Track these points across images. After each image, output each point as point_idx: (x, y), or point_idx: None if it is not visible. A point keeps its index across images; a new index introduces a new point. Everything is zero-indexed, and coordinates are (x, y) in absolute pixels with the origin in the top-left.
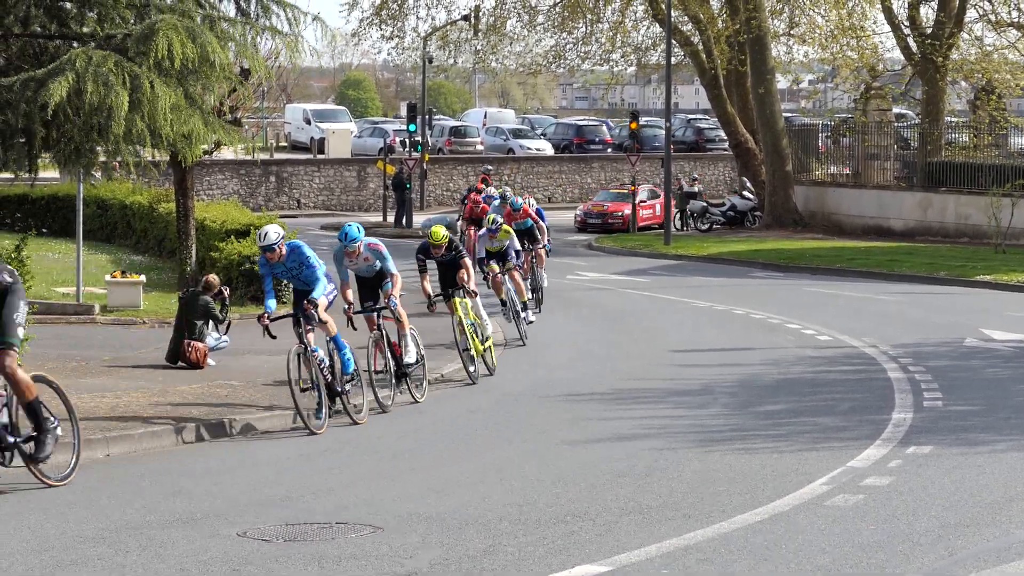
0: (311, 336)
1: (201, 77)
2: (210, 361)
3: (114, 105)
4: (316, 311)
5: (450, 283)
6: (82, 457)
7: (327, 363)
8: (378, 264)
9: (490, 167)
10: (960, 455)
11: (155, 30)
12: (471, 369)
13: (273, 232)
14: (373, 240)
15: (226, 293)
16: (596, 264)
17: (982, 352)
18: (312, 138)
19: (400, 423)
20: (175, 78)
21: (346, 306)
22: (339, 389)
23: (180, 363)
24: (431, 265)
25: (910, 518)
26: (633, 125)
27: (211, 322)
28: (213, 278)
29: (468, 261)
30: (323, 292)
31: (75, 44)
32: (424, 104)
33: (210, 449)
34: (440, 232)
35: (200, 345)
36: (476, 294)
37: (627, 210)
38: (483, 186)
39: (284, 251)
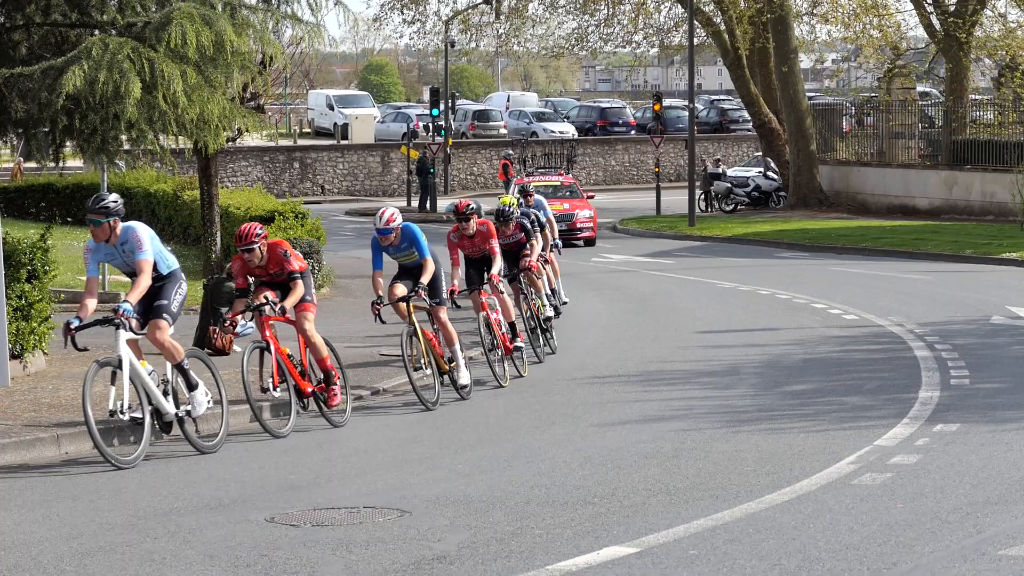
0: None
1: (219, 64)
2: (236, 347)
3: (125, 92)
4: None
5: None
6: (110, 443)
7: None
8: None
9: (511, 152)
10: (988, 433)
11: (170, 18)
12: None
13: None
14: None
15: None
16: (620, 246)
17: (1009, 329)
18: (335, 124)
19: (424, 409)
20: (194, 65)
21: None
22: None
23: (206, 350)
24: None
25: (938, 496)
26: (656, 107)
27: None
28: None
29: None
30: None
31: (96, 33)
32: (447, 88)
33: (237, 435)
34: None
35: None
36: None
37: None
38: (503, 176)
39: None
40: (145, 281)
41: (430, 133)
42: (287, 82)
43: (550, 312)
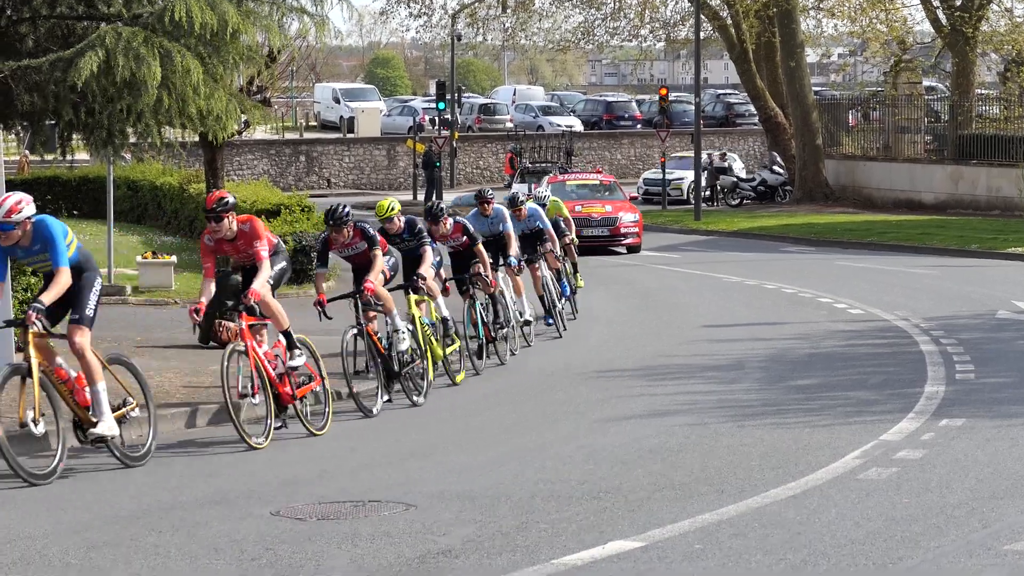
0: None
1: (223, 51)
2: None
3: (146, 79)
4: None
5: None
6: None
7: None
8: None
9: (518, 145)
10: (993, 427)
11: (173, 4)
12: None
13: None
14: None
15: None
16: None
17: (1014, 324)
18: (341, 117)
19: (431, 403)
20: (198, 56)
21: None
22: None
23: (212, 344)
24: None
25: (943, 491)
26: (663, 91)
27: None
28: None
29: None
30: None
31: (103, 24)
32: (453, 82)
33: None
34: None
35: (231, 325)
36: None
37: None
38: (511, 170)
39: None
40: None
41: (436, 127)
42: (293, 75)
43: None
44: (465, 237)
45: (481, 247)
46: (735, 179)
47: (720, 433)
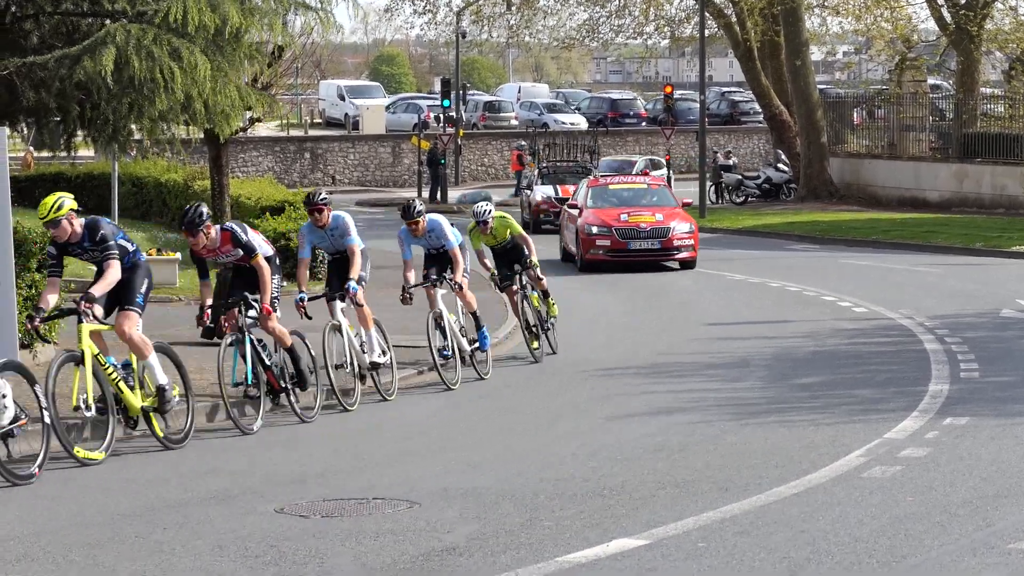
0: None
1: (226, 49)
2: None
3: (165, 77)
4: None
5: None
6: (119, 434)
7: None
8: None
9: (524, 143)
10: (997, 426)
11: (175, 2)
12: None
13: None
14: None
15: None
16: None
17: (1019, 323)
18: (346, 114)
19: (433, 401)
20: (204, 53)
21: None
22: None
23: (216, 339)
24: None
25: (947, 489)
26: (668, 89)
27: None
28: None
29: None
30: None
31: (107, 21)
32: (458, 79)
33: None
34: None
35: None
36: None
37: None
38: (519, 166)
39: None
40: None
41: (441, 124)
42: (298, 72)
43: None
44: (240, 251)
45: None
46: (740, 177)
47: (724, 431)
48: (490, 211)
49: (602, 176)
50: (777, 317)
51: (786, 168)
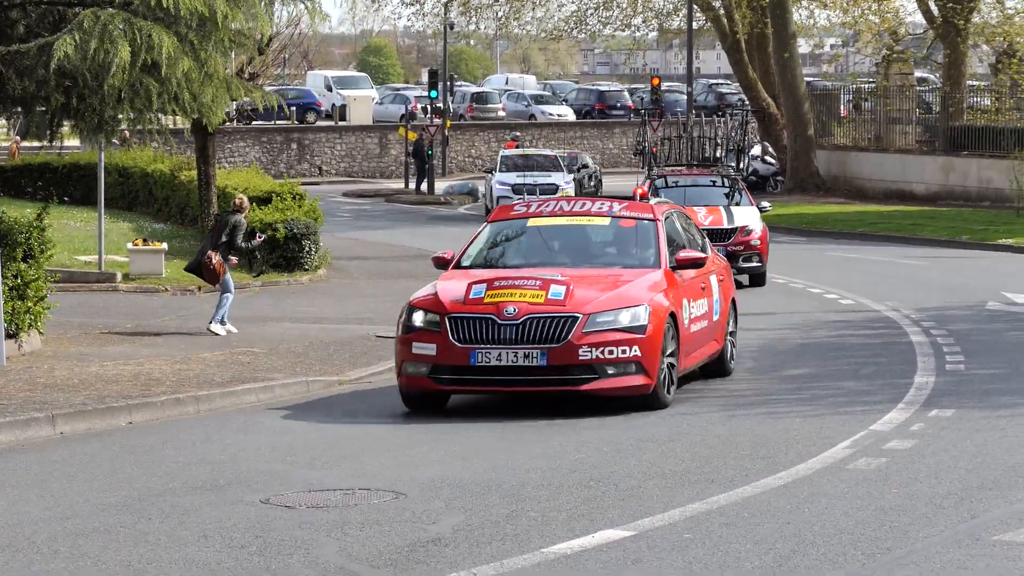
0: None
1: (213, 40)
2: (227, 278)
3: (117, 57)
4: None
5: None
6: (105, 424)
7: None
8: None
9: (517, 133)
10: (982, 418)
11: None
12: None
13: None
14: None
15: (261, 237)
16: None
17: (1004, 315)
18: (333, 105)
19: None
20: (188, 42)
21: None
22: None
23: (200, 277)
24: None
25: (932, 481)
26: (655, 81)
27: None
28: (243, 198)
29: None
30: None
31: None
32: (445, 70)
33: (232, 417)
34: None
35: (215, 256)
36: None
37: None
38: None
39: None
40: None
41: (428, 115)
42: (285, 63)
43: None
44: None
45: None
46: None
47: (711, 423)
48: None
49: (666, 168)
50: (764, 309)
51: (773, 161)
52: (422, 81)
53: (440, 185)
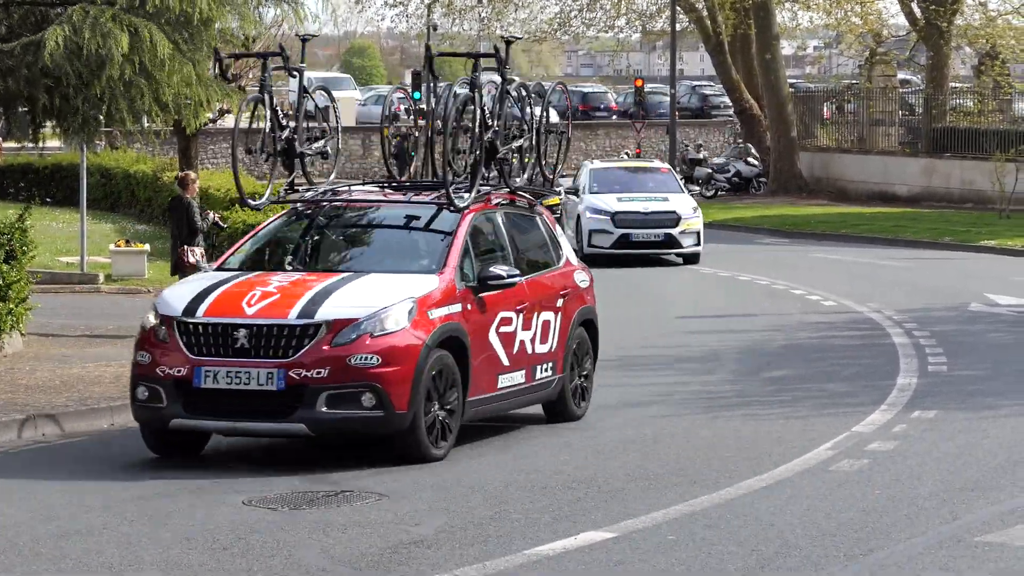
0: None
1: (197, 38)
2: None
3: (112, 52)
4: None
5: None
6: (86, 426)
7: None
8: None
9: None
10: (964, 420)
11: None
12: None
13: None
14: None
15: (213, 217)
16: None
17: (986, 317)
18: (316, 106)
19: None
20: (173, 42)
21: None
22: None
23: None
24: None
25: (914, 483)
26: (639, 82)
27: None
28: (187, 172)
29: None
30: None
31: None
32: (429, 71)
33: None
34: None
35: (196, 249)
36: None
37: None
38: None
39: None
40: None
41: (411, 116)
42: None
43: None
44: None
45: None
46: (710, 170)
47: (695, 424)
48: None
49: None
50: (747, 311)
51: (756, 162)
52: (405, 83)
53: None
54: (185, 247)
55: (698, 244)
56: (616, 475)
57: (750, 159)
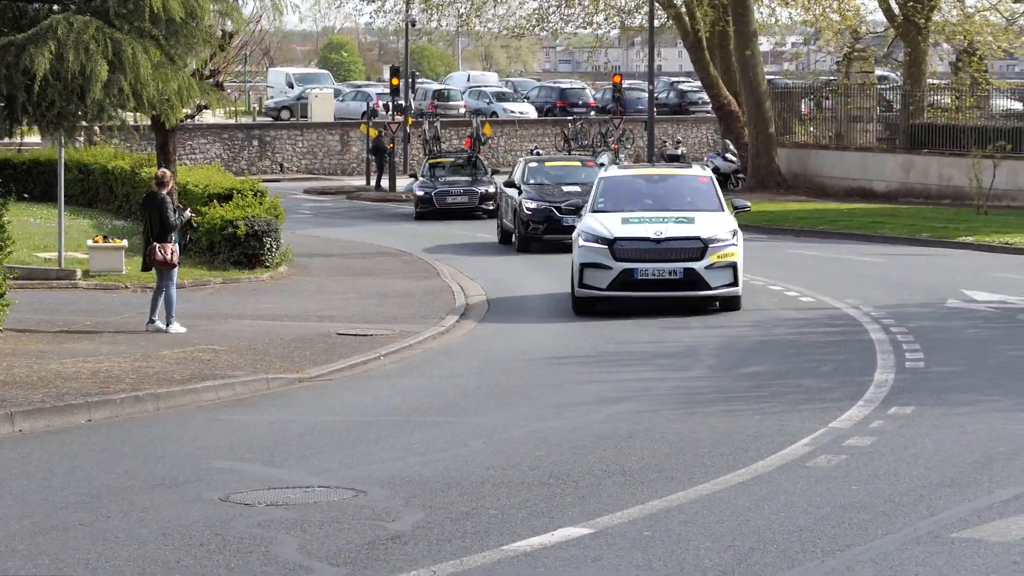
0: None
1: (183, 37)
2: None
3: (94, 73)
4: None
5: None
6: (63, 421)
7: None
8: None
9: (483, 118)
10: (941, 415)
11: None
12: None
13: None
14: None
15: (189, 214)
16: None
17: (964, 313)
18: (296, 101)
19: (381, 387)
20: (157, 41)
21: None
22: None
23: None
24: None
25: (892, 478)
26: (617, 78)
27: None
28: (165, 171)
29: None
30: None
31: (55, 7)
32: (407, 67)
33: (192, 414)
34: None
35: (168, 244)
36: None
37: None
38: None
39: None
40: None
41: (390, 112)
42: (247, 60)
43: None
44: None
45: None
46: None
47: (671, 420)
48: None
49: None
50: (724, 306)
51: (734, 158)
52: (384, 78)
53: (401, 182)
54: (155, 244)
55: (735, 283)
56: (592, 470)
57: (728, 155)
